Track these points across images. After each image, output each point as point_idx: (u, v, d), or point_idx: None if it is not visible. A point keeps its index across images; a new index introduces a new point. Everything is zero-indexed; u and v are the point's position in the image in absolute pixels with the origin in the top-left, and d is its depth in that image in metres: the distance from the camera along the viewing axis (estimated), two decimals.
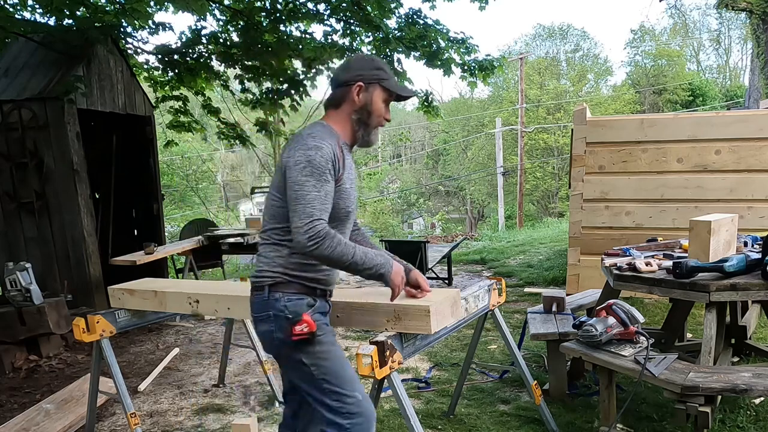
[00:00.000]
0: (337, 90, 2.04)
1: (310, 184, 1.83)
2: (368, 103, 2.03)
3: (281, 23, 6.57)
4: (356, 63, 2.07)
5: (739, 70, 33.24)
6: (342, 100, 2.03)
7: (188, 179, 20.05)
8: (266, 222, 2.01)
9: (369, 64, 2.06)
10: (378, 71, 2.04)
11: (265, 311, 1.96)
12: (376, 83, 2.03)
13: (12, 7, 6.25)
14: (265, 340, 2.02)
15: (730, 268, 2.72)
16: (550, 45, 32.82)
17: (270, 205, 2.00)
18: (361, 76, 2.02)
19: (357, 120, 2.03)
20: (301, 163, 1.84)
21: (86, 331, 2.85)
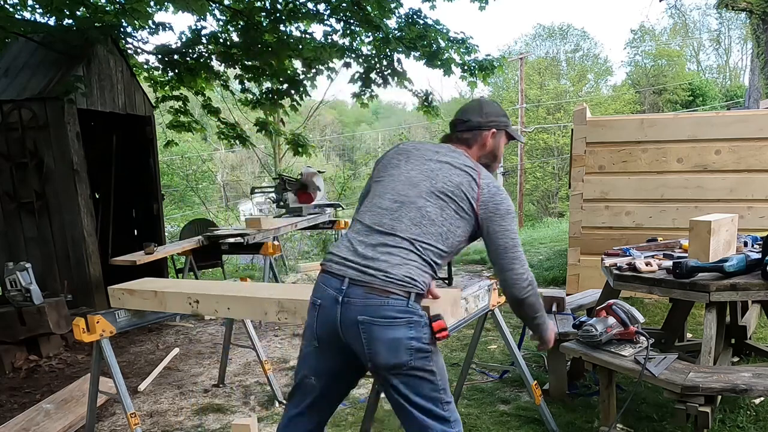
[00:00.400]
0: (470, 132, 2.16)
1: (516, 233, 2.06)
2: (496, 148, 2.20)
3: (281, 23, 6.57)
4: (489, 108, 2.20)
5: (739, 70, 33.27)
6: (474, 141, 2.16)
7: (188, 179, 20.03)
8: (425, 235, 1.95)
9: (499, 111, 2.22)
10: (506, 119, 2.22)
11: (406, 315, 1.88)
12: (504, 129, 2.20)
13: (12, 7, 6.25)
14: (397, 347, 1.87)
15: (730, 268, 2.72)
16: (550, 45, 32.86)
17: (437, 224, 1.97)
18: (495, 122, 2.17)
19: (484, 164, 2.14)
20: (511, 213, 2.05)
21: (86, 331, 2.85)
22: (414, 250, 1.93)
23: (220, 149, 24.98)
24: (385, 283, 1.87)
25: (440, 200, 1.99)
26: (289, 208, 7.54)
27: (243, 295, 2.78)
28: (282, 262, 8.70)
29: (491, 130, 2.16)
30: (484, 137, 2.16)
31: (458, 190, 1.99)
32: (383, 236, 1.95)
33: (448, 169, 2.03)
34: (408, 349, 1.87)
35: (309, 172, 7.56)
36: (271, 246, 5.74)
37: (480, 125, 2.16)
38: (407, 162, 2.09)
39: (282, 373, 4.30)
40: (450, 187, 2.00)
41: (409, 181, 2.04)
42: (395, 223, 1.97)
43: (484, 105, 2.23)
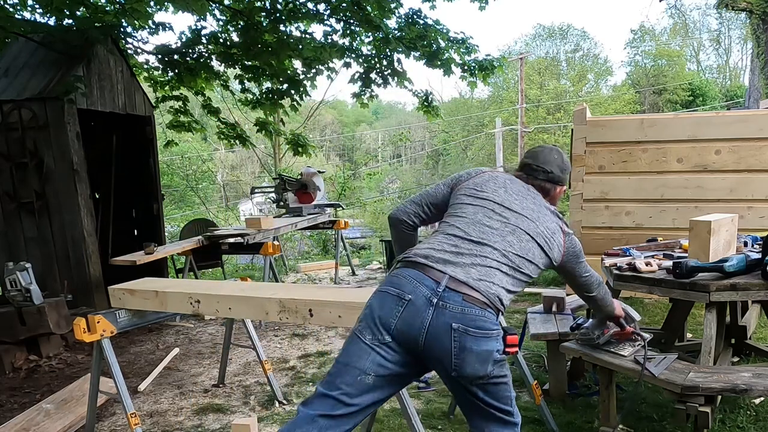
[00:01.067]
0: (549, 184, 2.28)
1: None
2: (557, 200, 2.35)
3: (281, 23, 6.57)
4: (565, 163, 2.32)
5: (739, 70, 33.26)
6: (550, 192, 2.29)
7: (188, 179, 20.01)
8: (518, 262, 2.03)
9: (569, 167, 2.38)
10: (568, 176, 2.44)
11: (495, 330, 1.90)
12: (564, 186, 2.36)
13: (12, 7, 6.25)
14: (486, 358, 1.88)
15: (730, 268, 2.72)
16: (550, 45, 32.84)
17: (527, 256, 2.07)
18: (565, 179, 2.33)
19: None
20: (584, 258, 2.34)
21: (87, 331, 2.85)
22: (510, 274, 2.00)
23: (220, 149, 24.98)
24: (485, 296, 1.89)
25: (540, 241, 2.10)
26: (289, 208, 7.54)
27: (244, 295, 2.78)
28: (282, 262, 8.70)
29: (564, 186, 2.32)
30: (558, 191, 2.30)
31: (552, 238, 2.14)
32: (489, 251, 2.00)
33: (546, 214, 2.17)
34: (493, 360, 1.90)
35: (309, 172, 7.57)
36: (271, 246, 5.74)
37: (560, 180, 2.29)
38: (506, 192, 2.18)
39: (282, 373, 4.30)
40: (548, 233, 2.13)
41: (516, 211, 2.13)
42: (504, 245, 2.04)
43: (564, 159, 2.33)
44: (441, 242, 2.02)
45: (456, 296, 1.85)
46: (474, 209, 2.12)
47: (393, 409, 3.38)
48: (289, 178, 7.77)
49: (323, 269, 8.57)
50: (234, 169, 29.37)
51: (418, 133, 37.37)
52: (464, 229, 2.04)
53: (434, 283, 1.87)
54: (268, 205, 12.95)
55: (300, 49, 6.41)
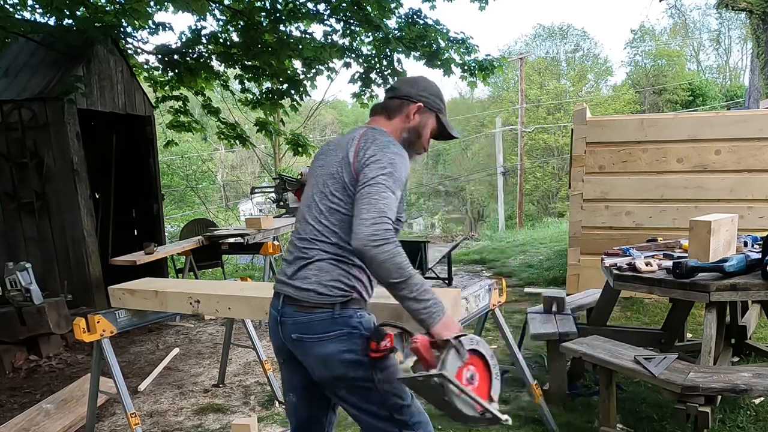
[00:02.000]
0: (395, 101, 1.96)
1: (388, 184, 1.72)
2: (421, 127, 1.95)
3: (281, 23, 6.57)
4: (424, 83, 1.99)
5: (739, 70, 33.24)
6: (397, 112, 1.94)
7: (188, 179, 20.03)
8: (325, 231, 1.81)
9: (435, 90, 1.99)
10: (441, 102, 1.99)
11: (335, 329, 1.77)
12: (435, 112, 1.98)
13: (12, 7, 6.25)
14: (330, 362, 1.79)
15: (730, 268, 2.73)
16: (550, 45, 32.84)
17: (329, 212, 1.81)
18: (426, 98, 1.96)
19: (405, 138, 1.93)
20: (386, 163, 1.74)
21: (87, 331, 2.85)
22: (319, 252, 1.81)
23: (220, 149, 24.98)
24: (310, 299, 1.79)
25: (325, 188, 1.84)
26: (289, 208, 7.54)
27: (244, 295, 2.78)
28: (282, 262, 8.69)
29: (418, 103, 1.94)
30: (410, 109, 1.93)
31: (340, 165, 1.82)
32: (298, 247, 1.87)
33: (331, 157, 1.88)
34: (342, 362, 1.78)
35: (309, 172, 7.55)
36: (271, 246, 5.74)
37: (409, 95, 1.95)
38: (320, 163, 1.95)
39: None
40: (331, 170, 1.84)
41: (313, 181, 1.93)
42: (304, 227, 1.87)
43: (420, 80, 2.02)
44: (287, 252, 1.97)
45: (289, 309, 1.84)
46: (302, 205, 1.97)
47: None
48: (289, 178, 7.77)
49: None
50: (234, 169, 29.38)
51: None
52: (295, 232, 1.95)
53: (276, 301, 1.90)
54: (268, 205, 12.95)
55: (300, 49, 6.41)
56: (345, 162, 1.81)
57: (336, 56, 6.62)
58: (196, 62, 6.98)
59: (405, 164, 1.80)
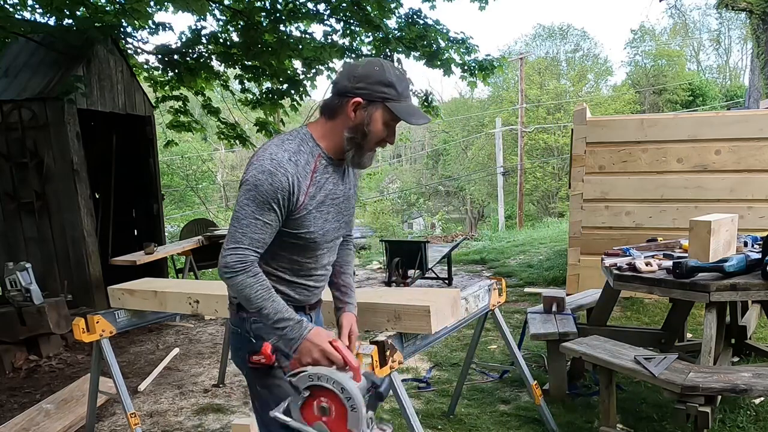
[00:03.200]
0: (334, 98, 1.70)
1: (249, 209, 1.62)
2: (365, 124, 1.67)
3: (281, 23, 6.57)
4: (363, 71, 1.67)
5: (739, 70, 33.25)
6: (336, 111, 1.69)
7: (188, 179, 20.05)
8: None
9: (378, 76, 1.66)
10: (387, 88, 1.66)
11: (238, 327, 1.82)
12: (380, 102, 1.66)
13: (12, 7, 6.26)
14: (233, 353, 1.90)
15: (730, 268, 2.73)
16: (550, 45, 32.82)
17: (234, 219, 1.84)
18: (364, 90, 1.65)
19: (349, 139, 1.69)
20: (248, 185, 1.62)
21: (86, 331, 2.85)
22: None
23: (220, 149, 24.99)
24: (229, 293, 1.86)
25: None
26: None
27: None
28: None
29: (355, 98, 1.65)
30: (348, 107, 1.66)
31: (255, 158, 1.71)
32: None
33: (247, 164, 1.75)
34: (239, 359, 1.85)
35: None
36: None
37: (344, 91, 1.67)
38: None
39: None
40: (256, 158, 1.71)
41: None
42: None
43: (360, 67, 1.68)
44: None
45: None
46: None
47: (393, 409, 3.38)
48: None
49: None
50: (234, 169, 29.38)
51: (418, 133, 37.35)
52: None
53: None
54: None
55: (300, 49, 6.41)
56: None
57: (336, 56, 6.62)
58: (196, 62, 6.98)
59: (273, 181, 1.60)
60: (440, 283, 7.00)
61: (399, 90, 1.68)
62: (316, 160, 1.70)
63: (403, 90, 1.69)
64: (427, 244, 6.94)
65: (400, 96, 1.69)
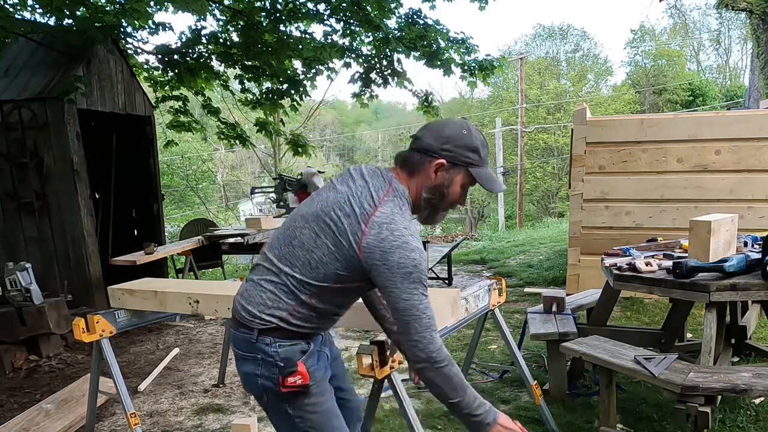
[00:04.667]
0: (417, 154, 1.69)
1: (420, 290, 1.59)
2: (445, 185, 1.68)
3: (281, 23, 6.57)
4: (451, 133, 1.67)
5: (739, 70, 33.24)
6: (418, 168, 1.68)
7: (188, 179, 20.05)
8: (289, 264, 1.69)
9: (465, 140, 1.67)
10: (472, 153, 1.67)
11: (252, 353, 1.72)
12: (464, 167, 1.67)
13: (12, 7, 6.26)
14: (247, 381, 1.78)
15: (730, 268, 2.72)
16: (550, 45, 32.81)
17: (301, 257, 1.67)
18: (450, 153, 1.65)
19: (427, 199, 1.70)
20: (408, 267, 1.57)
21: (86, 331, 2.85)
22: (275, 279, 1.70)
23: (220, 149, 24.99)
24: (239, 314, 1.76)
25: (319, 225, 1.66)
26: (289, 208, 7.54)
27: None
28: None
29: (440, 159, 1.66)
30: (430, 167, 1.66)
31: (341, 221, 1.62)
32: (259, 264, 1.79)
33: (344, 196, 1.65)
34: (257, 386, 1.74)
35: (309, 172, 7.57)
36: None
37: (429, 149, 1.67)
38: (332, 185, 1.76)
39: None
40: (334, 214, 1.63)
41: (312, 202, 1.74)
42: (270, 248, 1.76)
43: (447, 126, 1.71)
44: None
45: (233, 321, 1.82)
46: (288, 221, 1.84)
47: (393, 409, 3.38)
48: (289, 178, 7.77)
49: None
50: (234, 169, 29.39)
51: None
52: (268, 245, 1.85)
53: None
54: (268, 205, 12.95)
55: (300, 49, 6.41)
56: (353, 226, 1.62)
57: (336, 56, 6.62)
58: (196, 62, 6.98)
59: (423, 256, 1.62)
60: (440, 283, 6.99)
61: (482, 155, 1.70)
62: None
63: (484, 156, 1.71)
64: (427, 244, 6.93)
65: (482, 161, 1.70)
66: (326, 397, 1.79)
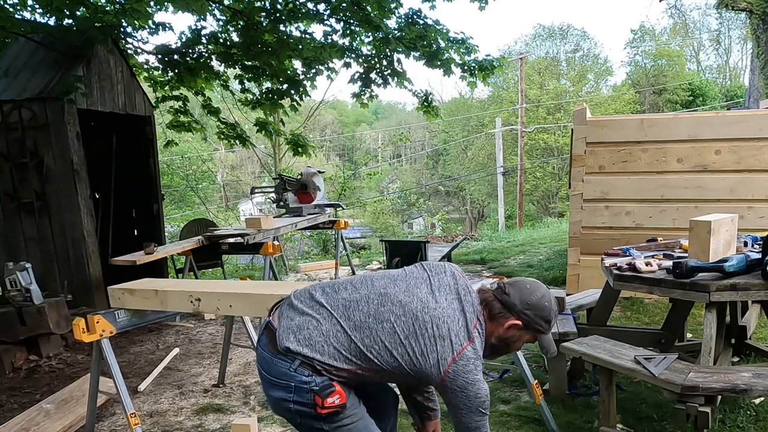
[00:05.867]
0: (500, 306, 1.91)
1: (484, 422, 1.87)
2: (512, 341, 1.93)
3: (281, 23, 6.57)
4: (536, 302, 1.90)
5: (739, 70, 33.25)
6: (497, 317, 1.90)
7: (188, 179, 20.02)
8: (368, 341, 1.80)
9: (544, 312, 1.91)
10: (545, 324, 1.93)
11: (285, 380, 1.81)
12: (533, 333, 1.93)
13: (12, 7, 6.25)
14: (278, 406, 1.86)
15: (730, 268, 2.72)
16: (550, 45, 32.81)
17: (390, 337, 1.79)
18: (528, 318, 1.90)
19: (493, 346, 1.92)
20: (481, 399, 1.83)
21: (86, 331, 2.85)
22: (344, 342, 1.80)
23: (220, 149, 25.00)
24: (284, 347, 1.81)
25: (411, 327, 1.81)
26: (289, 208, 7.54)
27: (245, 292, 2.79)
28: (282, 262, 8.70)
29: (517, 321, 1.90)
30: (507, 322, 1.90)
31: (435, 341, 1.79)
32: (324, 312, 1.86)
33: (442, 316, 1.82)
34: (289, 410, 1.83)
35: (309, 172, 7.57)
36: (271, 246, 5.74)
37: (512, 308, 1.90)
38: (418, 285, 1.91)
39: None
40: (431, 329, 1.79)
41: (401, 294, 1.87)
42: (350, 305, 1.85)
43: (533, 294, 1.92)
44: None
45: (264, 338, 1.91)
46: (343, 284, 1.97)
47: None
48: (289, 178, 7.77)
49: (323, 269, 8.57)
50: (234, 169, 29.39)
51: (418, 133, 37.37)
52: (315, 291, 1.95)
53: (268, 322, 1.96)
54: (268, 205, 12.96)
55: (300, 49, 6.41)
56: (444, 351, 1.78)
57: (336, 56, 6.62)
58: (196, 62, 6.98)
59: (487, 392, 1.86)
60: None
61: (550, 326, 1.95)
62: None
63: (552, 325, 1.97)
64: (428, 244, 6.94)
65: (549, 330, 1.96)
66: (359, 408, 1.89)
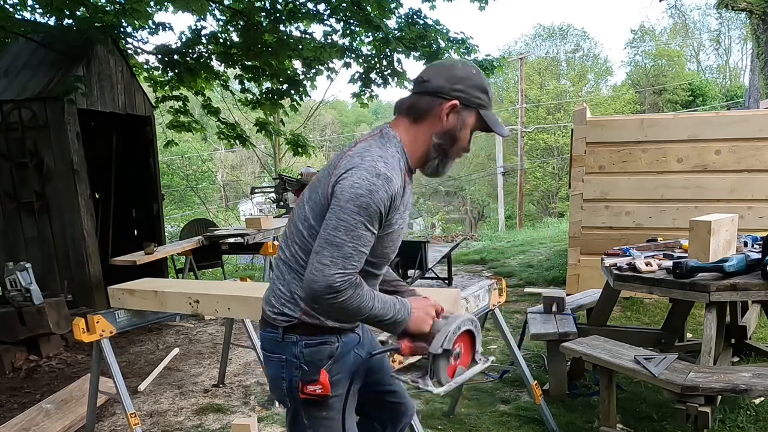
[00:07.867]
0: (424, 98, 1.56)
1: (360, 219, 1.43)
2: (457, 129, 1.57)
3: (281, 23, 6.58)
4: (462, 74, 1.56)
5: (739, 70, 33.26)
6: (426, 113, 1.56)
7: (188, 179, 20.05)
8: (291, 249, 1.61)
9: (476, 80, 1.57)
10: (483, 94, 1.58)
11: (276, 353, 1.65)
12: (475, 109, 1.57)
13: (12, 7, 6.26)
14: (272, 383, 1.72)
15: (730, 268, 2.72)
16: (550, 45, 32.84)
17: (298, 230, 1.59)
18: (462, 93, 1.54)
19: (437, 145, 1.58)
20: (360, 189, 1.43)
21: (86, 331, 2.85)
22: (289, 264, 1.62)
23: (220, 149, 25.00)
24: (264, 313, 1.68)
25: (307, 194, 1.60)
26: (289, 208, 7.55)
27: (243, 295, 2.78)
28: None
29: (453, 101, 1.54)
30: (442, 109, 1.54)
31: (321, 178, 1.55)
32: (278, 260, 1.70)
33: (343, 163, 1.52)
34: (280, 388, 1.67)
35: (309, 172, 7.57)
36: (271, 246, 5.74)
37: (440, 91, 1.54)
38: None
39: None
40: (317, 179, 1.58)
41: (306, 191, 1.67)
42: (284, 242, 1.68)
43: (455, 67, 1.59)
44: None
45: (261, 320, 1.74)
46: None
47: None
48: (289, 178, 7.77)
49: None
50: (234, 169, 29.39)
51: None
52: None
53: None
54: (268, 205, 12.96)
55: (300, 49, 6.42)
56: (329, 172, 1.53)
57: (336, 56, 6.62)
58: (196, 62, 6.98)
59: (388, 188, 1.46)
60: (440, 283, 6.99)
61: (489, 97, 1.62)
62: (404, 173, 1.56)
63: (491, 98, 1.64)
64: (427, 244, 6.92)
65: (490, 103, 1.62)
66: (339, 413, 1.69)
